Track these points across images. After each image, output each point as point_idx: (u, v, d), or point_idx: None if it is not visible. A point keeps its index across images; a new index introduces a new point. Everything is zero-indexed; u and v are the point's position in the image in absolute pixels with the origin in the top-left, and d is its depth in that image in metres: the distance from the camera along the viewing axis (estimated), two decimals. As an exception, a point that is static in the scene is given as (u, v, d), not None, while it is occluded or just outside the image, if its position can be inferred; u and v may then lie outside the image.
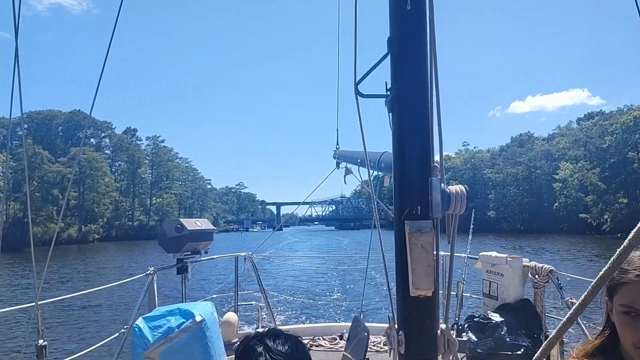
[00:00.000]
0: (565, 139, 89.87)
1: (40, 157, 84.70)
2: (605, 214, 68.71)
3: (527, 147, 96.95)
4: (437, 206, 2.43)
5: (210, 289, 19.11)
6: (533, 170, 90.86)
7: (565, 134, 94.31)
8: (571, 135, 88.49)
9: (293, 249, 52.83)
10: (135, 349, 4.10)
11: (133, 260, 47.30)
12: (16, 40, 3.34)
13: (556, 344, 1.33)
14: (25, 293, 22.68)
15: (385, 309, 14.10)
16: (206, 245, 6.38)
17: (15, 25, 3.30)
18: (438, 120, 2.47)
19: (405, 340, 2.46)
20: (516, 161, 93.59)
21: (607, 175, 68.82)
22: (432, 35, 2.44)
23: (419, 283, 2.37)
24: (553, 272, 5.06)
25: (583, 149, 77.68)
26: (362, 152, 3.45)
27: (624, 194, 67.04)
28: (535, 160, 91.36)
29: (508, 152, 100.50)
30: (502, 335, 4.85)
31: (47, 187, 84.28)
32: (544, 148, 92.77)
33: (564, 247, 48.80)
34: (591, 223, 70.74)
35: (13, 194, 76.54)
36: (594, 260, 33.92)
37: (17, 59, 3.31)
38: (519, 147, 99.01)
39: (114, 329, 5.25)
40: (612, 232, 65.03)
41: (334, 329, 6.69)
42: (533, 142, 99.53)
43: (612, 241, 55.26)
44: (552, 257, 37.27)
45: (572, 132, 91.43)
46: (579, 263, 33.28)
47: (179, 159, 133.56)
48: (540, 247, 46.11)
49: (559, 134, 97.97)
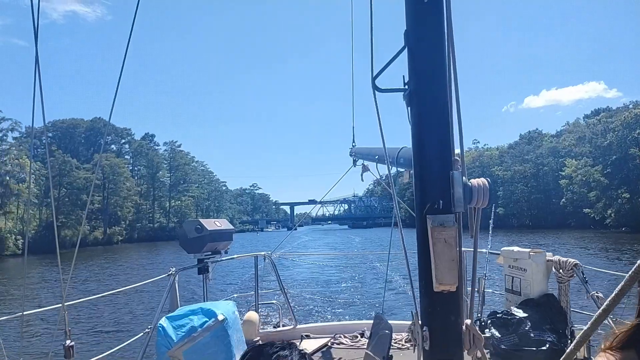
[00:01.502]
0: (572, 136, 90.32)
1: (70, 164, 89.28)
2: (609, 209, 70.12)
3: (535, 145, 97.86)
4: (459, 200, 2.40)
5: (229, 289, 19.25)
6: (541, 167, 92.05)
7: (572, 130, 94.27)
8: (578, 132, 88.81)
9: (307, 247, 53.43)
10: (160, 348, 4.14)
11: (154, 261, 48.44)
12: (36, 53, 3.37)
13: (582, 347, 1.30)
14: (54, 294, 23.09)
15: (406, 307, 14.06)
16: (226, 245, 6.41)
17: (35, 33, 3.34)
18: (457, 113, 2.44)
19: (430, 336, 2.43)
20: (523, 159, 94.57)
21: (610, 171, 70.15)
22: (449, 27, 2.41)
23: (442, 278, 2.34)
24: (578, 265, 4.97)
25: (589, 146, 78.49)
26: (380, 149, 3.41)
27: (626, 189, 68.21)
28: (542, 157, 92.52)
29: (516, 149, 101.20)
30: (527, 331, 4.78)
31: (76, 192, 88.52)
32: (551, 145, 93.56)
33: (569, 241, 48.81)
34: (594, 218, 72.49)
35: (45, 200, 79.70)
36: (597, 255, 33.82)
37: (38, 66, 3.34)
38: (527, 145, 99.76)
39: (138, 329, 5.32)
40: (616, 227, 66.53)
41: (355, 326, 6.68)
42: (541, 140, 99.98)
43: (616, 235, 56.40)
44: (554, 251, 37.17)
45: (579, 128, 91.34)
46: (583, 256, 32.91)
47: (195, 162, 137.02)
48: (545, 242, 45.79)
49: (566, 131, 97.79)
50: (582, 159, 79.46)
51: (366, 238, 74.66)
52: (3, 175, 73.01)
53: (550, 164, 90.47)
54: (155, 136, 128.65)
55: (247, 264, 18.89)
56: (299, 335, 6.51)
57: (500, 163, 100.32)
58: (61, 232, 75.54)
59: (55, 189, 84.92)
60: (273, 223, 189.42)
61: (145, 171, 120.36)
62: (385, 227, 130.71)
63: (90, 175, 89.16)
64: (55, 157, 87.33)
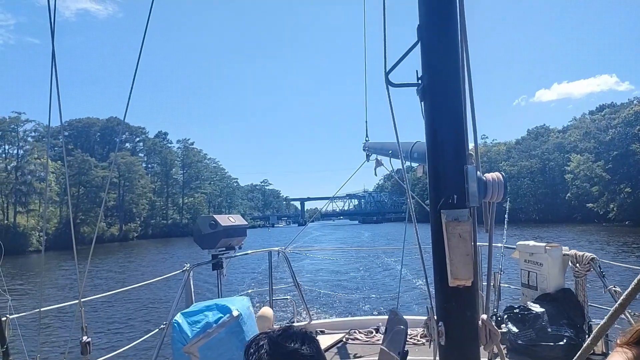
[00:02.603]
0: (577, 132, 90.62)
1: (88, 163, 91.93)
2: (611, 204, 71.82)
3: (541, 140, 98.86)
4: (473, 194, 2.38)
5: (243, 284, 19.37)
6: (547, 162, 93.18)
7: (578, 126, 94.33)
8: (583, 128, 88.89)
9: (318, 242, 54.08)
10: (175, 344, 4.18)
11: (169, 257, 49.34)
12: (53, 53, 3.40)
13: (599, 341, 1.28)
14: (72, 290, 23.43)
15: (420, 302, 14.02)
16: (240, 241, 6.44)
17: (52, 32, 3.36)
18: (471, 107, 2.42)
19: (446, 331, 2.42)
20: (530, 154, 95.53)
21: (611, 167, 71.44)
22: (462, 21, 2.39)
23: (457, 273, 2.33)
24: (595, 259, 4.91)
25: (594, 141, 79.27)
26: (393, 143, 3.39)
27: (628, 184, 69.57)
28: (548, 152, 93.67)
29: (523, 145, 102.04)
30: (544, 326, 4.74)
31: (94, 190, 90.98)
32: (558, 141, 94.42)
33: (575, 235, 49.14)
34: (598, 212, 74.08)
35: (64, 198, 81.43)
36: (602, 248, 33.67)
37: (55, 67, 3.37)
38: (534, 140, 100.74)
39: (153, 325, 5.38)
40: (618, 220, 68.43)
41: (369, 322, 6.67)
42: (548, 135, 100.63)
43: (619, 228, 57.91)
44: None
45: (584, 124, 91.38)
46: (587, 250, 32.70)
47: (207, 159, 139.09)
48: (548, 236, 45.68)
49: (572, 126, 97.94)
50: (585, 154, 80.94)
51: (376, 233, 76.32)
52: (27, 175, 76.07)
53: (557, 159, 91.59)
54: (168, 134, 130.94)
55: (261, 259, 18.97)
56: (314, 330, 6.52)
57: (507, 158, 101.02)
58: (80, 228, 77.67)
59: (75, 187, 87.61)
60: (284, 219, 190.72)
61: (159, 169, 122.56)
62: (395, 222, 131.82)
63: (108, 173, 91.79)
64: (74, 156, 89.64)
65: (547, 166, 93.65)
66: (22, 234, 69.97)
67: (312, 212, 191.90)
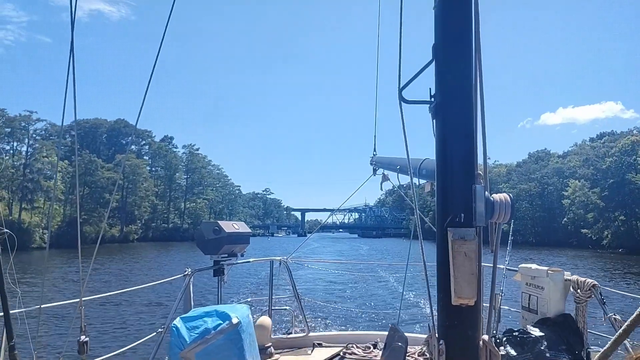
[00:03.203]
0: (577, 157, 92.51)
1: (95, 164, 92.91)
2: (605, 230, 73.19)
3: (541, 164, 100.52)
4: (480, 214, 2.40)
5: (243, 292, 19.32)
6: (546, 186, 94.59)
7: (578, 152, 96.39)
8: (583, 154, 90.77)
9: (317, 253, 54.25)
10: (172, 348, 4.16)
11: (169, 261, 49.55)
12: (72, 60, 3.44)
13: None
14: (72, 288, 23.41)
15: (420, 320, 13.93)
16: (242, 248, 6.42)
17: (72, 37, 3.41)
18: (482, 128, 2.45)
19: (446, 350, 2.42)
20: (529, 177, 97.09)
21: (607, 194, 73.12)
22: (477, 42, 2.42)
23: (461, 291, 2.34)
24: (596, 286, 4.89)
25: (592, 168, 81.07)
26: (402, 159, 3.41)
27: (622, 212, 71.12)
28: (548, 177, 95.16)
29: (523, 167, 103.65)
30: (542, 351, 4.70)
31: (99, 191, 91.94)
32: (557, 165, 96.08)
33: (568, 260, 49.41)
34: (592, 238, 75.53)
35: (69, 197, 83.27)
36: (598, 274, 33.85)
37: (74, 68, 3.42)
38: (534, 164, 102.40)
39: (151, 328, 5.36)
40: (612, 247, 69.62)
41: (368, 337, 6.62)
42: (548, 159, 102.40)
43: (613, 255, 59.08)
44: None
45: (584, 150, 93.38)
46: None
47: (211, 165, 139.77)
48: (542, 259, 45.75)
49: (572, 152, 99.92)
50: (581, 181, 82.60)
51: (373, 248, 77.55)
52: (34, 173, 77.05)
53: (555, 184, 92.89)
54: (174, 138, 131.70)
55: (262, 268, 18.96)
56: (311, 343, 6.49)
57: (507, 180, 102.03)
58: (83, 228, 77.66)
59: (80, 187, 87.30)
60: (284, 228, 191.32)
61: (162, 172, 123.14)
62: (394, 238, 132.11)
63: (113, 175, 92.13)
64: (82, 156, 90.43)
65: (545, 190, 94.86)
66: (25, 231, 70.41)
67: (312, 223, 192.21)
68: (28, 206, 77.04)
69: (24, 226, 71.50)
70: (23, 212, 75.90)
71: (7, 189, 76.04)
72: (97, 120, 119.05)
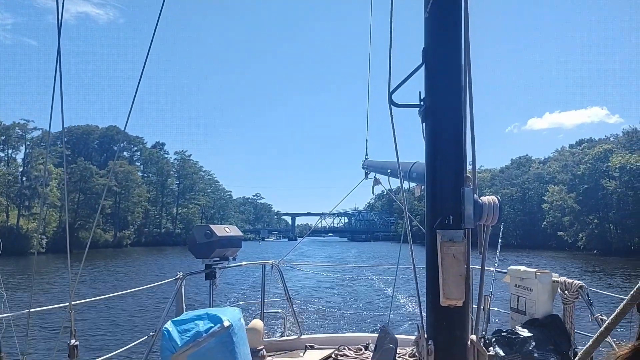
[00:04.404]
0: (556, 163, 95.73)
1: (90, 171, 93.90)
2: (580, 233, 77.59)
3: (522, 170, 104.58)
4: (469, 216, 2.44)
5: (235, 296, 19.27)
6: (527, 191, 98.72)
7: (558, 158, 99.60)
8: (562, 160, 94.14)
9: (307, 256, 54.72)
10: (164, 351, 4.16)
11: (161, 265, 49.90)
12: (58, 62, 3.44)
13: (588, 358, 1.33)
14: (64, 292, 23.24)
15: (410, 322, 13.98)
16: (234, 252, 6.42)
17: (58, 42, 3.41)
18: (471, 131, 2.49)
19: (435, 350, 2.46)
20: (512, 182, 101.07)
21: (581, 199, 77.56)
22: (467, 46, 2.46)
23: (450, 293, 2.38)
24: (583, 287, 4.96)
25: (570, 174, 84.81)
26: (392, 163, 3.45)
27: (596, 215, 75.38)
28: (529, 182, 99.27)
29: (506, 173, 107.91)
30: (530, 351, 4.76)
31: (94, 197, 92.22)
32: (537, 171, 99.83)
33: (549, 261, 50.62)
34: (567, 240, 79.72)
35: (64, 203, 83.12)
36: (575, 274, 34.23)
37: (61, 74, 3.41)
38: (516, 170, 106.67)
39: (143, 331, 5.36)
40: (587, 249, 73.67)
41: (359, 339, 6.65)
42: (529, 165, 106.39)
43: (588, 257, 62.52)
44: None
45: (563, 156, 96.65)
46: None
47: (203, 171, 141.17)
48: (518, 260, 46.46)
49: (553, 158, 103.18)
50: (559, 185, 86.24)
51: (362, 251, 79.92)
52: (32, 180, 78.91)
53: (536, 189, 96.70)
54: (165, 144, 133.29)
55: (253, 271, 18.97)
56: (303, 345, 6.50)
57: (491, 185, 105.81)
58: (79, 233, 78.64)
59: (75, 194, 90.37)
60: (274, 233, 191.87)
61: (154, 178, 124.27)
62: (383, 242, 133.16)
63: (108, 182, 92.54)
64: (77, 163, 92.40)
65: (527, 195, 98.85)
66: (24, 236, 71.65)
67: (303, 228, 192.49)
68: (26, 212, 78.44)
69: (22, 232, 72.94)
70: (21, 218, 77.28)
71: (5, 196, 77.51)
72: (89, 126, 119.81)
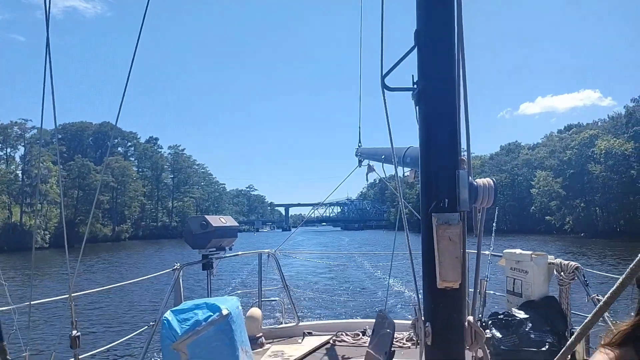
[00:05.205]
0: (545, 149, 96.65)
1: (87, 168, 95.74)
2: (567, 217, 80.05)
3: (512, 156, 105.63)
4: (464, 199, 2.44)
5: (232, 285, 19.34)
6: (516, 177, 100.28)
7: (546, 144, 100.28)
8: (550, 146, 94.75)
9: (301, 245, 55.84)
10: (164, 340, 4.19)
11: (159, 257, 50.61)
12: (49, 61, 3.40)
13: (582, 339, 1.34)
14: (64, 286, 23.29)
15: (406, 307, 14.09)
16: (230, 242, 6.45)
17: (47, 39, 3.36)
18: (465, 113, 2.48)
19: (432, 332, 2.47)
20: (501, 169, 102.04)
21: (568, 184, 79.21)
22: (459, 28, 2.45)
23: (446, 275, 2.39)
24: (579, 269, 5.01)
25: (557, 160, 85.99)
26: (386, 149, 3.45)
27: (582, 200, 77.27)
28: (518, 168, 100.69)
29: (495, 160, 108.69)
30: (527, 332, 4.82)
31: (93, 193, 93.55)
32: (526, 157, 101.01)
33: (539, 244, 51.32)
34: (555, 224, 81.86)
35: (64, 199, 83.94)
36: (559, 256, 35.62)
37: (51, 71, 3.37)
38: (505, 156, 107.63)
39: (143, 322, 5.39)
40: (575, 232, 76.31)
41: (357, 325, 6.71)
42: (518, 151, 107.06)
43: (576, 239, 64.40)
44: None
45: (552, 142, 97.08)
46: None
47: (196, 165, 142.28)
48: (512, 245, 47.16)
49: (541, 144, 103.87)
50: (545, 171, 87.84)
51: (354, 239, 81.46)
52: (32, 178, 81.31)
53: (525, 174, 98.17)
54: (159, 139, 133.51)
55: (250, 261, 19.06)
56: (301, 332, 6.55)
57: (481, 172, 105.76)
58: (80, 228, 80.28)
59: (74, 190, 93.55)
60: (268, 224, 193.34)
61: (149, 173, 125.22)
62: (376, 230, 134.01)
63: (104, 177, 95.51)
64: (74, 160, 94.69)
65: (515, 180, 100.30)
66: (28, 232, 72.72)
67: (296, 218, 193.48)
68: (28, 210, 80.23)
69: (25, 228, 74.59)
70: (24, 215, 78.89)
71: (7, 194, 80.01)
72: (83, 123, 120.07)
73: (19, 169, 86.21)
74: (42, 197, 78.91)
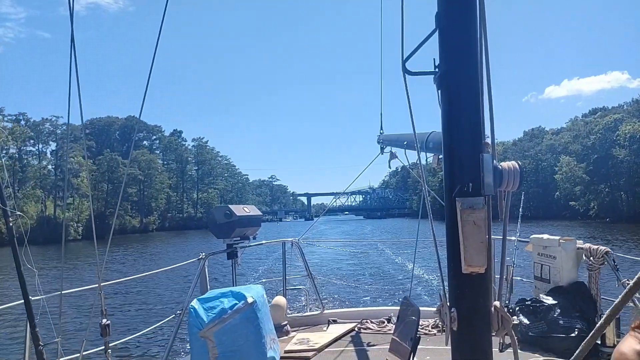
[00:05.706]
0: (569, 134, 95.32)
1: (116, 161, 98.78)
2: (592, 202, 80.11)
3: (535, 142, 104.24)
4: (488, 183, 2.39)
5: (257, 274, 19.58)
6: (540, 163, 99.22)
7: (571, 128, 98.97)
8: (575, 130, 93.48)
9: (325, 234, 56.40)
10: (191, 328, 4.26)
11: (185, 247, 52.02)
12: (72, 55, 3.45)
13: (611, 322, 1.31)
14: (94, 276, 23.99)
15: (431, 293, 14.03)
16: (254, 231, 6.49)
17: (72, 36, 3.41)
18: (489, 96, 2.43)
19: (458, 317, 2.45)
20: (524, 155, 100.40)
21: (592, 169, 79.02)
22: (482, 9, 2.39)
23: (471, 260, 2.35)
24: (609, 253, 4.90)
25: (581, 145, 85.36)
26: (409, 135, 3.40)
27: (607, 184, 77.12)
28: (541, 153, 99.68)
29: (518, 145, 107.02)
30: (555, 318, 4.75)
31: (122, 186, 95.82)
32: (550, 142, 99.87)
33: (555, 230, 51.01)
34: (579, 210, 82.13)
35: (95, 192, 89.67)
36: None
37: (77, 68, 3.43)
38: (529, 142, 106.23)
39: (170, 310, 5.50)
40: (598, 217, 76.60)
41: (381, 312, 6.71)
42: (542, 137, 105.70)
43: (602, 225, 64.53)
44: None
45: (576, 126, 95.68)
46: None
47: (220, 157, 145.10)
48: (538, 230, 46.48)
49: (566, 129, 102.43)
50: (568, 156, 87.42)
51: (377, 227, 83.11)
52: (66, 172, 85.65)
53: (549, 160, 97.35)
54: (182, 132, 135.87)
55: (274, 250, 19.25)
56: (326, 320, 6.59)
57: (503, 159, 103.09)
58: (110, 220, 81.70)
59: (105, 183, 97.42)
60: (291, 213, 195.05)
61: (174, 165, 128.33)
62: (398, 218, 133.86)
63: (131, 170, 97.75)
64: (104, 155, 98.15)
65: (539, 166, 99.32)
66: (61, 225, 75.24)
67: (318, 207, 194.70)
68: (61, 203, 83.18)
69: (58, 221, 77.33)
70: (57, 208, 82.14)
71: (43, 188, 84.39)
72: (110, 118, 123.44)
73: (50, 164, 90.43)
74: (73, 190, 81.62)
